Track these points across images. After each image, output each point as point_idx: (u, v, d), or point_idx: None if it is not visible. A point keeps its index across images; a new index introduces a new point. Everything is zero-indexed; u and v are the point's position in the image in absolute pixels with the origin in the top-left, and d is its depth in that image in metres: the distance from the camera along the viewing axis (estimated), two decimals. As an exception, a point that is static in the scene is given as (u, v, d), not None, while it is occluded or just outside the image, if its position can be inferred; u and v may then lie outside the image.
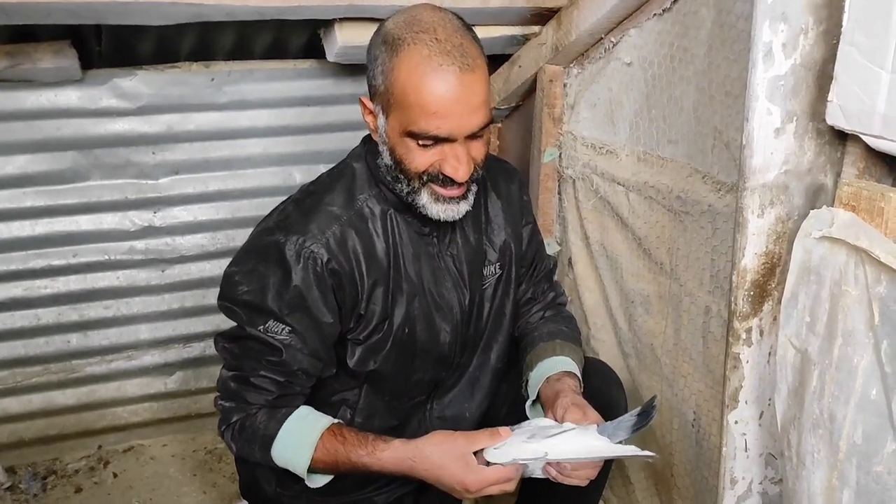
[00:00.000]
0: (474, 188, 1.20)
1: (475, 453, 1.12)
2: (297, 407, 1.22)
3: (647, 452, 1.14)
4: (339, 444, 1.16)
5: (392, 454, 1.15)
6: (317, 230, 1.16)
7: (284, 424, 1.18)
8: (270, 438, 1.18)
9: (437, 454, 1.13)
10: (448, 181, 1.14)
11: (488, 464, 1.12)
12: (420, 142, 1.11)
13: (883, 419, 0.89)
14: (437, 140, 1.11)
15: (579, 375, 1.30)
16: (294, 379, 1.20)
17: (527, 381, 1.33)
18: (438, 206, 1.17)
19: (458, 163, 1.12)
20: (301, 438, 1.17)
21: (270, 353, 1.17)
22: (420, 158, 1.13)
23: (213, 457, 2.06)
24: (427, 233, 1.26)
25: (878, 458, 0.91)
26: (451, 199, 1.17)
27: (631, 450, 1.15)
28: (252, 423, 1.19)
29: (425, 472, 1.13)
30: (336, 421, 1.21)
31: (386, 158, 1.17)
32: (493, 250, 1.36)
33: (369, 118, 1.18)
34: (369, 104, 1.17)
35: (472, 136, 1.13)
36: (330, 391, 1.29)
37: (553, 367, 1.30)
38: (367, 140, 1.28)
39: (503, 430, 1.14)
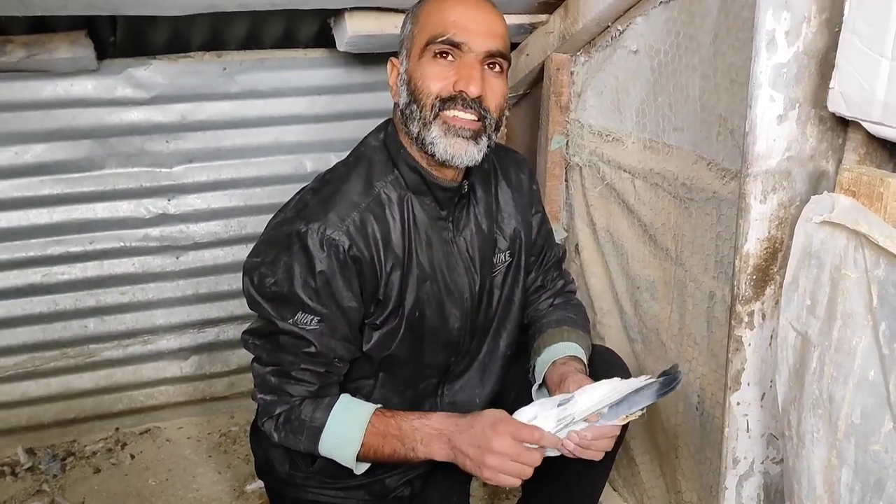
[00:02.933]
0: (485, 141, 1.20)
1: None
2: (338, 395, 1.25)
3: (660, 379, 1.16)
4: (390, 418, 1.20)
5: (440, 417, 1.20)
6: (337, 218, 1.18)
7: (332, 412, 1.21)
8: (319, 429, 1.21)
9: (477, 417, 1.17)
10: (462, 103, 1.16)
11: None
12: (436, 50, 1.17)
13: (880, 399, 0.92)
14: (453, 46, 1.16)
15: (585, 361, 1.32)
16: (332, 368, 1.23)
17: (534, 366, 1.36)
18: (448, 141, 1.17)
19: (472, 76, 1.16)
20: (351, 423, 1.21)
21: (305, 345, 1.19)
22: (436, 78, 1.17)
23: (228, 439, 2.10)
24: (443, 216, 1.27)
25: (875, 437, 0.93)
26: (462, 130, 1.17)
27: (647, 380, 1.17)
28: (297, 414, 1.22)
29: (462, 430, 1.16)
30: (380, 406, 1.25)
31: (403, 98, 1.22)
32: (503, 238, 1.38)
33: (393, 76, 1.26)
34: (396, 61, 1.26)
35: (490, 65, 1.19)
36: (346, 378, 1.31)
37: (559, 352, 1.32)
38: (381, 128, 1.30)
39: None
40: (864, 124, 0.93)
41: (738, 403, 1.15)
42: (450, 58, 1.17)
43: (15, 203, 1.81)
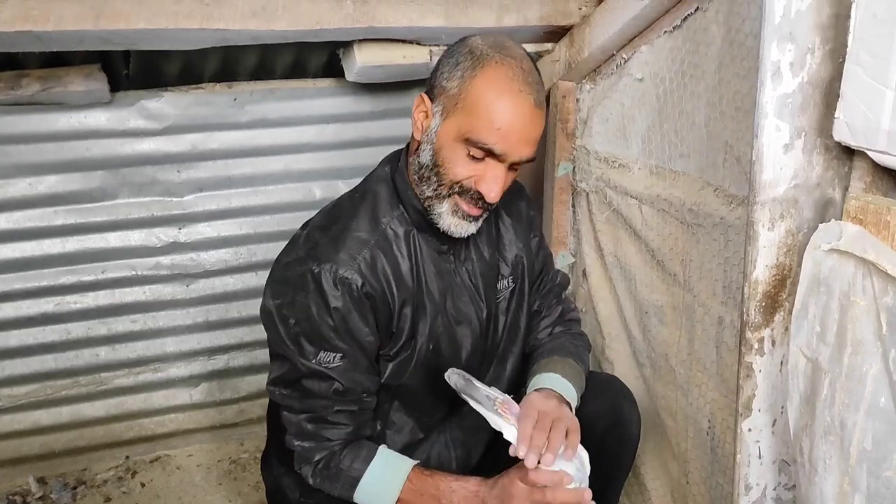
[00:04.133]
0: (485, 215, 1.25)
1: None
2: (376, 442, 1.27)
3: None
4: (428, 477, 1.22)
5: (476, 481, 1.22)
6: (348, 257, 1.19)
7: (371, 464, 1.23)
8: (356, 480, 1.23)
9: (504, 473, 1.19)
10: (477, 198, 1.19)
11: None
12: (472, 151, 1.16)
13: (892, 426, 0.92)
14: (489, 154, 1.16)
15: (566, 392, 1.31)
16: (362, 404, 1.25)
17: (522, 395, 1.36)
18: (452, 220, 1.21)
19: (496, 184, 1.17)
20: (390, 477, 1.23)
21: (330, 384, 1.21)
22: (462, 168, 1.18)
23: (238, 466, 2.10)
24: (445, 251, 1.29)
25: (887, 464, 0.93)
26: (467, 216, 1.21)
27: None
28: (336, 462, 1.23)
29: (490, 493, 1.19)
30: (418, 462, 1.26)
31: (425, 158, 1.20)
32: (505, 265, 1.39)
33: (420, 115, 1.22)
34: (427, 103, 1.21)
35: (512, 166, 1.19)
36: None
37: (537, 384, 1.32)
38: (390, 160, 1.32)
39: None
40: (869, 153, 0.94)
41: (750, 430, 1.15)
42: (484, 159, 1.17)
43: (28, 233, 1.83)
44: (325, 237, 1.23)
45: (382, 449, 1.26)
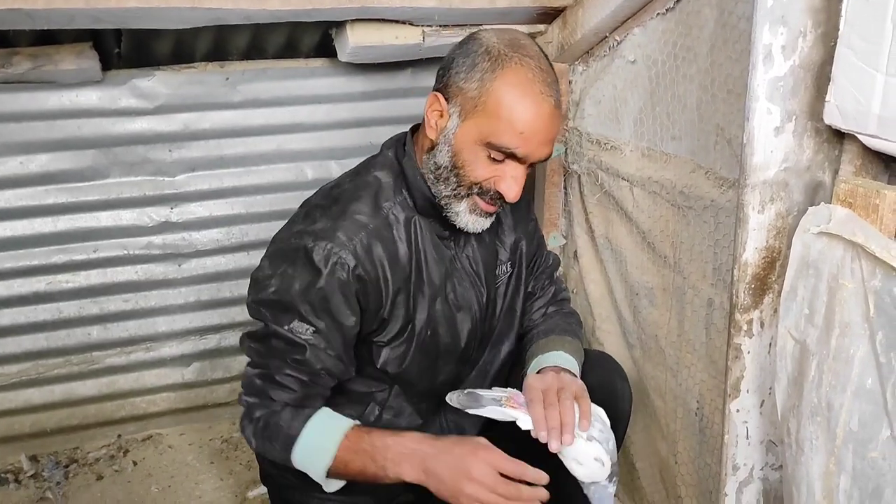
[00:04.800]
0: (499, 210, 1.26)
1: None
2: (320, 408, 1.25)
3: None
4: (365, 434, 1.19)
5: (415, 437, 1.19)
6: (344, 237, 1.19)
7: (308, 423, 1.21)
8: (293, 438, 1.20)
9: (458, 441, 1.16)
10: (496, 198, 1.20)
11: None
12: (493, 154, 1.16)
13: (878, 407, 0.93)
14: (511, 157, 1.16)
15: (571, 367, 1.33)
16: (317, 379, 1.22)
17: (523, 377, 1.38)
18: (470, 217, 1.23)
19: (516, 184, 1.18)
20: (327, 434, 1.20)
21: (295, 352, 1.20)
22: (482, 170, 1.18)
23: (230, 445, 2.11)
24: (447, 236, 1.29)
25: (873, 445, 0.95)
26: (484, 213, 1.23)
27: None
28: (276, 420, 1.21)
29: (439, 453, 1.14)
30: (357, 422, 1.24)
31: (442, 159, 1.19)
32: (504, 250, 1.40)
33: (434, 115, 1.20)
34: (442, 103, 1.19)
35: (530, 165, 1.19)
36: (360, 386, 1.32)
37: (542, 362, 1.34)
38: (395, 143, 1.31)
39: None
40: (859, 137, 0.95)
41: (738, 410, 1.16)
42: (504, 160, 1.17)
43: (19, 212, 1.83)
44: (325, 216, 1.22)
45: (324, 409, 1.24)
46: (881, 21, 0.88)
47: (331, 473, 1.20)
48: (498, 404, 1.18)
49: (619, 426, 1.41)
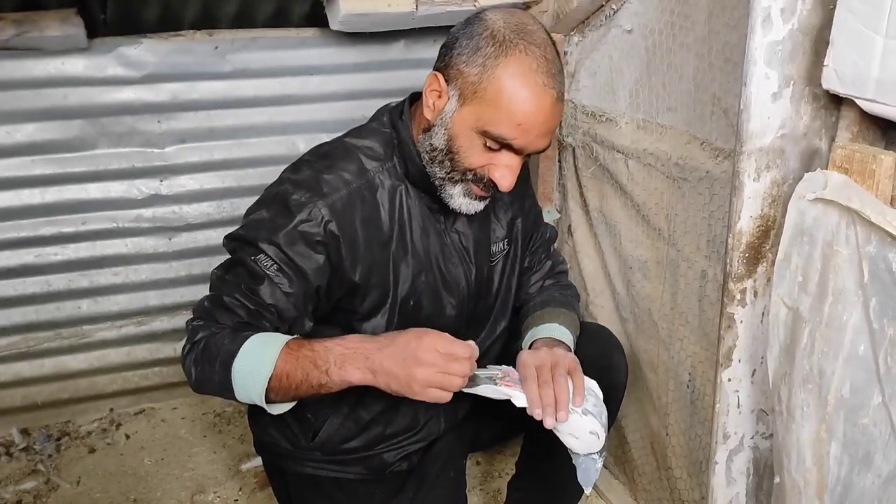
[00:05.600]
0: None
1: None
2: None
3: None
4: (305, 341, 1.15)
5: (356, 337, 1.15)
6: (326, 189, 1.19)
7: (249, 338, 1.14)
8: (232, 354, 1.12)
9: (398, 333, 1.14)
10: (489, 185, 1.19)
11: None
12: (489, 143, 1.14)
13: (870, 374, 0.93)
14: (507, 148, 1.14)
15: (565, 339, 1.33)
16: (264, 312, 1.18)
17: (518, 350, 1.37)
18: (464, 200, 1.21)
19: (510, 173, 1.16)
20: (266, 345, 1.13)
21: (253, 282, 1.17)
22: (478, 157, 1.16)
23: (223, 419, 2.11)
24: (436, 209, 1.28)
25: (864, 411, 0.95)
26: (478, 198, 1.22)
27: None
28: (216, 340, 1.15)
29: (382, 347, 1.11)
30: (297, 336, 1.19)
31: (438, 141, 1.18)
32: (500, 227, 1.39)
33: (432, 95, 1.18)
34: (441, 82, 1.16)
35: (527, 155, 1.18)
36: None
37: (536, 335, 1.34)
38: (390, 112, 1.29)
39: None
40: (857, 101, 0.93)
41: (730, 380, 1.16)
42: (500, 149, 1.15)
43: (6, 183, 1.80)
44: (310, 168, 1.22)
45: (260, 332, 1.17)
46: (881, -18, 0.86)
47: (272, 389, 1.12)
48: (492, 382, 1.18)
49: (615, 398, 1.42)
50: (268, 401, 1.14)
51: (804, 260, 1.00)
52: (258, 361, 1.12)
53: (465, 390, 1.17)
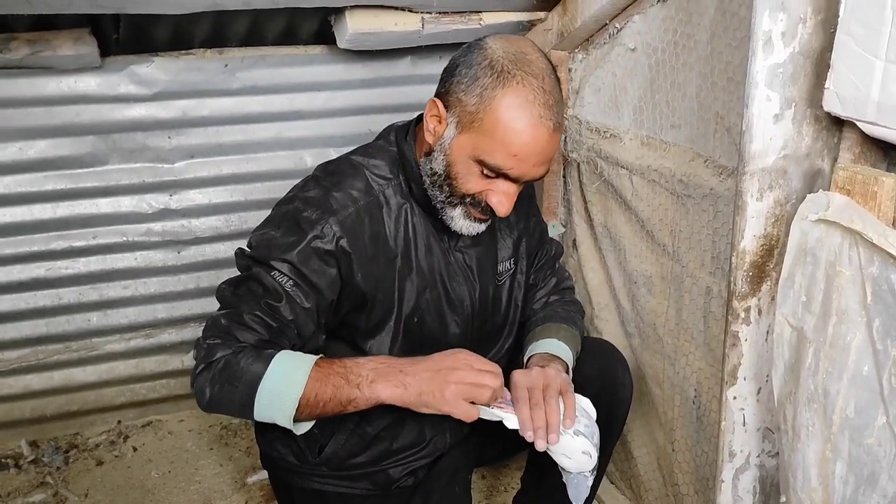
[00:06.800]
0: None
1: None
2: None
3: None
4: (335, 359, 1.17)
5: (388, 356, 1.19)
6: (335, 206, 1.20)
7: (274, 359, 1.13)
8: (259, 375, 1.12)
9: (429, 356, 1.18)
10: (488, 211, 1.20)
11: None
12: (485, 171, 1.16)
13: (874, 394, 0.94)
14: (503, 177, 1.16)
15: (563, 354, 1.33)
16: (285, 329, 1.18)
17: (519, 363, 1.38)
18: (465, 223, 1.23)
19: (507, 200, 1.18)
20: (295, 365, 1.14)
21: (271, 297, 1.17)
22: (475, 183, 1.18)
23: (229, 432, 2.12)
24: (441, 228, 1.29)
25: (869, 431, 0.95)
26: (478, 220, 1.23)
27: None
28: (237, 360, 1.13)
29: (416, 362, 1.15)
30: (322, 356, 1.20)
31: (437, 166, 1.19)
32: (506, 246, 1.40)
33: (433, 120, 1.19)
34: (441, 109, 1.18)
35: (524, 183, 1.19)
36: None
37: (535, 350, 1.35)
38: (396, 131, 1.30)
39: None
40: (858, 124, 0.94)
41: (735, 398, 1.17)
42: (497, 177, 1.17)
43: (19, 198, 1.83)
44: (318, 186, 1.24)
45: (285, 351, 1.17)
46: (881, 7, 0.87)
47: (299, 409, 1.13)
48: (485, 405, 1.19)
49: (620, 414, 1.42)
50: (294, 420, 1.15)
51: (808, 280, 1.00)
52: (287, 382, 1.13)
53: None
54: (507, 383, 1.24)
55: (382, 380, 1.13)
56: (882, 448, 0.94)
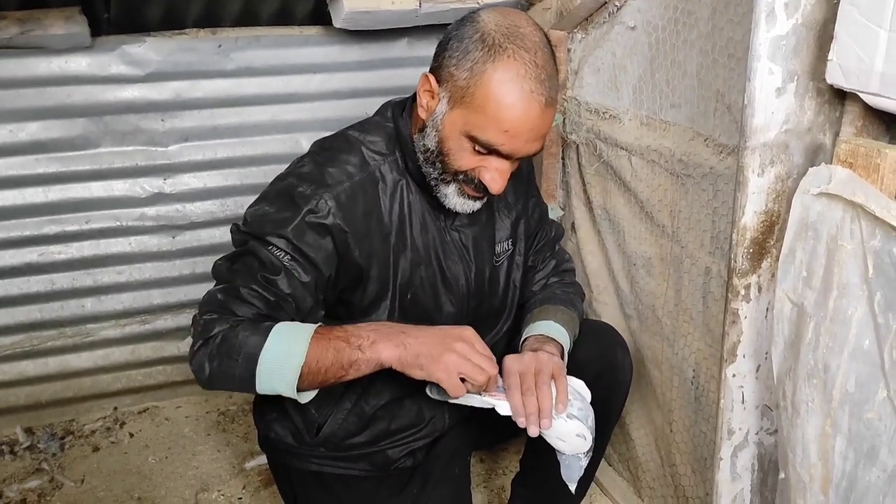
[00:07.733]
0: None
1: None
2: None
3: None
4: (335, 326, 1.16)
5: (391, 322, 1.19)
6: (330, 181, 1.19)
7: (274, 328, 1.13)
8: (258, 346, 1.11)
9: (439, 326, 1.18)
10: (481, 187, 1.18)
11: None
12: (477, 147, 1.14)
13: (875, 368, 0.93)
14: (495, 153, 1.14)
15: (559, 336, 1.33)
16: (283, 303, 1.17)
17: (518, 346, 1.37)
18: (458, 200, 1.21)
19: (500, 176, 1.16)
20: (296, 332, 1.13)
21: (268, 271, 1.16)
22: (467, 160, 1.16)
23: (226, 418, 2.11)
24: (437, 206, 1.28)
25: (869, 405, 0.94)
26: (473, 197, 1.22)
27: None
28: (235, 333, 1.12)
29: (421, 329, 1.16)
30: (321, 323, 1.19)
31: (430, 142, 1.18)
32: (504, 227, 1.39)
33: (425, 96, 1.17)
34: (434, 85, 1.16)
35: (517, 159, 1.17)
36: None
37: (531, 332, 1.34)
38: (392, 108, 1.29)
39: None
40: (861, 96, 0.93)
41: (734, 375, 1.16)
42: (489, 153, 1.15)
43: (10, 182, 1.81)
44: (314, 161, 1.23)
45: (283, 322, 1.16)
46: (885, -24, 0.86)
47: (301, 377, 1.12)
48: (476, 392, 1.18)
49: (619, 396, 1.42)
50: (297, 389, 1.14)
51: (808, 255, 1.00)
52: (287, 352, 1.11)
53: (450, 401, 1.18)
54: (500, 370, 1.23)
55: (384, 340, 1.13)
56: (882, 422, 0.94)
